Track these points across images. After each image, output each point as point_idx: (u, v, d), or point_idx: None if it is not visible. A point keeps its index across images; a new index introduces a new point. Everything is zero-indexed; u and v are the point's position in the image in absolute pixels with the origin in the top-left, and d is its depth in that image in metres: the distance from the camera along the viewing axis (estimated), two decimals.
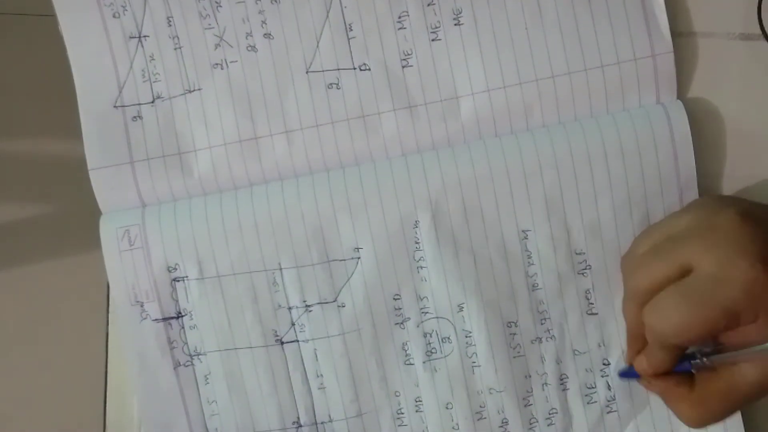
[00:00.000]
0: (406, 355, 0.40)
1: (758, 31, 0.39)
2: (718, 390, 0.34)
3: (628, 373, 0.38)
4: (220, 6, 0.41)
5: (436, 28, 0.40)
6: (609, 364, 0.39)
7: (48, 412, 1.12)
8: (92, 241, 0.40)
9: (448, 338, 0.39)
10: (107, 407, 0.42)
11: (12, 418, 1.12)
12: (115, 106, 0.41)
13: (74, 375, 1.08)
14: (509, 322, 0.39)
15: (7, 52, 1.15)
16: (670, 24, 0.39)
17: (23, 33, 1.14)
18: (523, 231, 0.39)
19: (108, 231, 0.40)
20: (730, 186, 0.40)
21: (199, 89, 0.41)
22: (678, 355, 0.35)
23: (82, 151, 0.41)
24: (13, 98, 1.14)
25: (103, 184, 0.41)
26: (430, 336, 0.40)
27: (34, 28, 1.13)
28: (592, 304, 0.39)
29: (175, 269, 0.40)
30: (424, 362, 0.39)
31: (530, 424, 0.40)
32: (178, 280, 0.40)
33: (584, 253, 0.39)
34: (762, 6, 0.39)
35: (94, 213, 0.41)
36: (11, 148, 1.15)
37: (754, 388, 0.33)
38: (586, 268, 0.39)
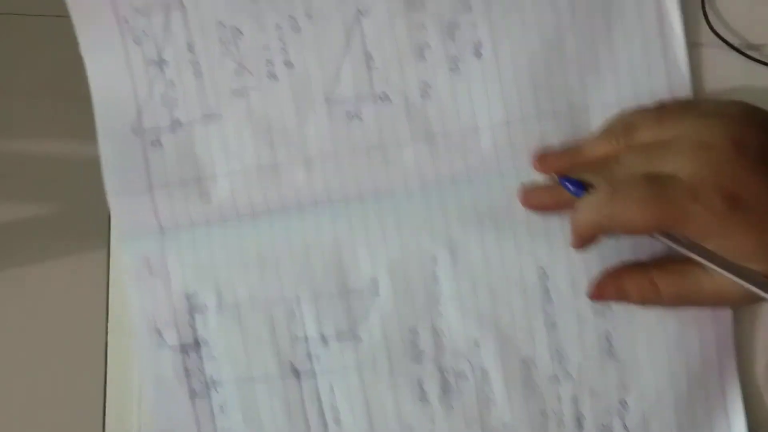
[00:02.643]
0: (422, 391, 0.40)
1: (761, 41, 0.39)
2: (680, 274, 0.35)
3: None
4: (242, 33, 0.40)
5: (457, 59, 0.40)
6: (627, 404, 0.39)
7: (47, 417, 1.12)
8: (92, 242, 0.41)
9: (465, 374, 0.39)
10: (106, 412, 0.42)
11: (11, 421, 1.13)
12: (134, 131, 0.41)
13: (73, 379, 1.08)
14: (526, 360, 0.39)
15: (7, 52, 1.15)
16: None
17: (23, 33, 1.14)
18: (541, 268, 0.39)
19: (127, 258, 0.40)
20: None
21: (218, 115, 0.41)
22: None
23: (82, 151, 0.41)
24: (13, 98, 1.15)
25: (122, 210, 0.41)
26: (446, 372, 0.40)
27: (34, 28, 1.13)
28: (612, 345, 0.39)
29: (194, 298, 0.40)
30: (439, 398, 0.40)
31: None
32: (197, 309, 0.40)
33: None
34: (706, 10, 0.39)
35: (94, 213, 0.41)
36: (12, 148, 1.15)
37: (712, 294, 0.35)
38: (606, 309, 0.39)
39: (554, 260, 0.39)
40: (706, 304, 0.37)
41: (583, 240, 0.35)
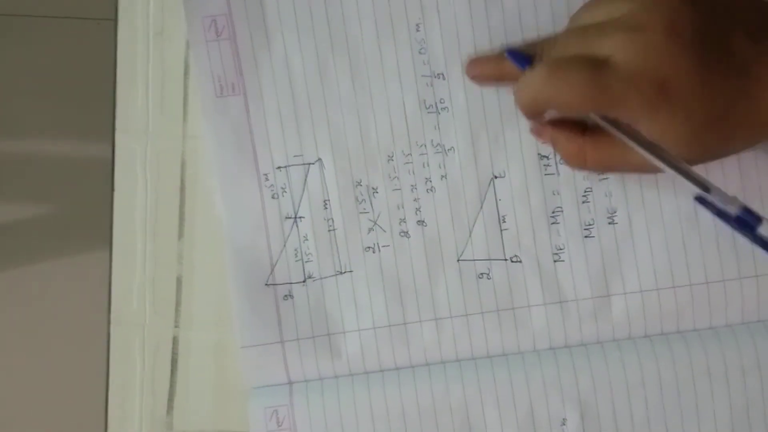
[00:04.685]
0: None
1: None
2: (609, 145, 0.36)
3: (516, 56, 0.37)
4: (377, 192, 0.41)
5: (590, 225, 0.41)
6: None
7: (49, 413, 1.12)
8: (93, 241, 0.41)
9: None
10: (108, 409, 0.43)
11: (12, 418, 1.13)
12: (266, 284, 0.41)
13: (75, 378, 1.07)
14: None
15: (7, 52, 1.15)
16: None
17: (23, 33, 1.14)
18: None
19: (257, 410, 0.41)
20: None
21: (350, 271, 0.41)
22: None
23: (82, 151, 0.41)
24: (13, 98, 1.15)
25: (252, 362, 0.41)
26: None
27: (34, 28, 1.13)
28: None
29: None
30: None
31: None
32: None
33: None
34: None
35: (95, 213, 0.41)
36: (12, 148, 1.15)
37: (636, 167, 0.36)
38: None
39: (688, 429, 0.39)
40: (629, 172, 0.38)
41: (528, 115, 0.37)
